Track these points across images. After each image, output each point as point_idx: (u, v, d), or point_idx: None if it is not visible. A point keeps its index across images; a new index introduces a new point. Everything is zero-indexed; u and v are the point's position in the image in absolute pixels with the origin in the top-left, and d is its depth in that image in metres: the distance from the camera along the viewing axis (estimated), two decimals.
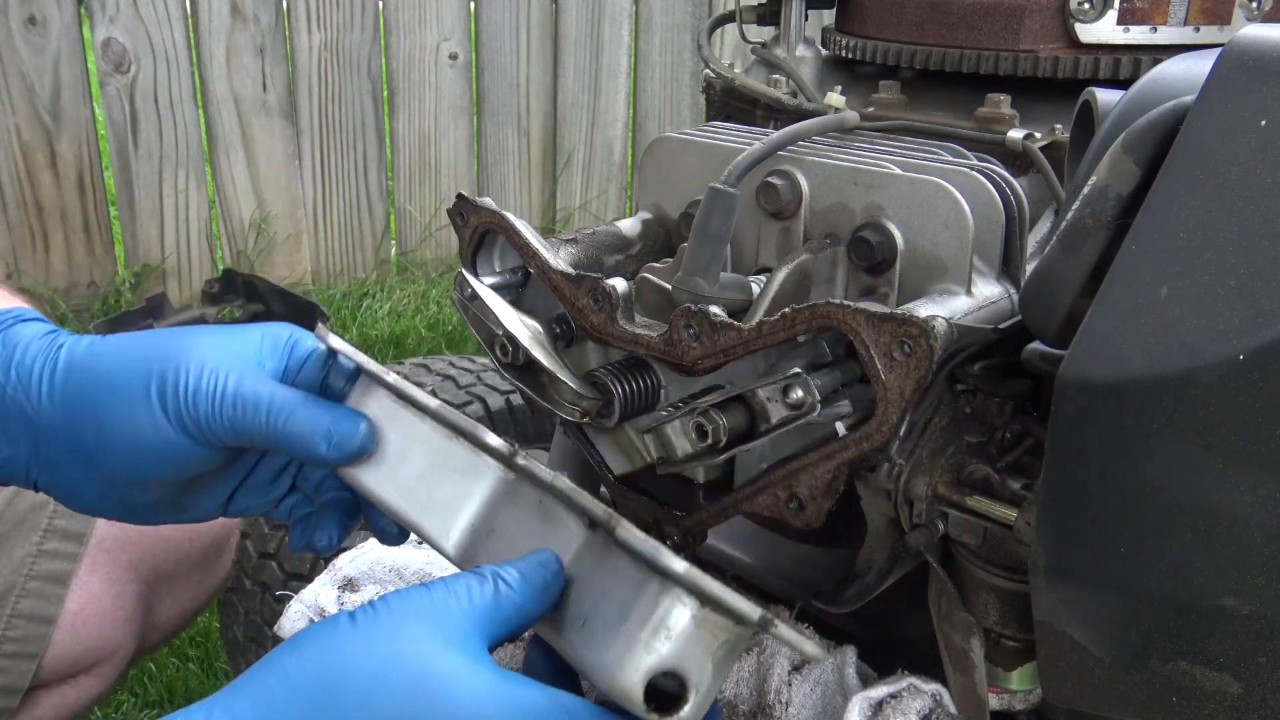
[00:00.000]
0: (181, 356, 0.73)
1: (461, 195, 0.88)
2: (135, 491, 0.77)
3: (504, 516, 0.75)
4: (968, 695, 0.80)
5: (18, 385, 0.74)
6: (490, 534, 0.76)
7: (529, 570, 0.65)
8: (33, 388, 0.74)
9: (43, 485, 0.78)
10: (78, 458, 0.75)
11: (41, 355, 0.75)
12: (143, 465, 0.74)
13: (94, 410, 0.73)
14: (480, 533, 0.76)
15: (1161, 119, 0.60)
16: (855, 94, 1.16)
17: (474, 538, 0.76)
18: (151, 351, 0.74)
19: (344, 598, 0.99)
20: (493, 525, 0.76)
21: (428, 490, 0.77)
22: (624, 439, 0.88)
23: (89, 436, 0.74)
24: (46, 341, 0.76)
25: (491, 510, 0.76)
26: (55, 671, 1.15)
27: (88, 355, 0.75)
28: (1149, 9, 1.03)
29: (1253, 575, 0.57)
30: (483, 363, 1.51)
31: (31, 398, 0.74)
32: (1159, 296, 0.57)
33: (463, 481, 0.76)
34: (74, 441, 0.74)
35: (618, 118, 3.63)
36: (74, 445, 0.74)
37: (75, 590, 1.14)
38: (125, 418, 0.73)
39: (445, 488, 0.76)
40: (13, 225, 2.97)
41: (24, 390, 0.74)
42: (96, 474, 0.76)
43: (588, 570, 0.69)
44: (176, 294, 3.10)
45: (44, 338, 0.76)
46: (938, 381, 0.77)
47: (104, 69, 2.92)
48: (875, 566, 0.83)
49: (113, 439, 0.73)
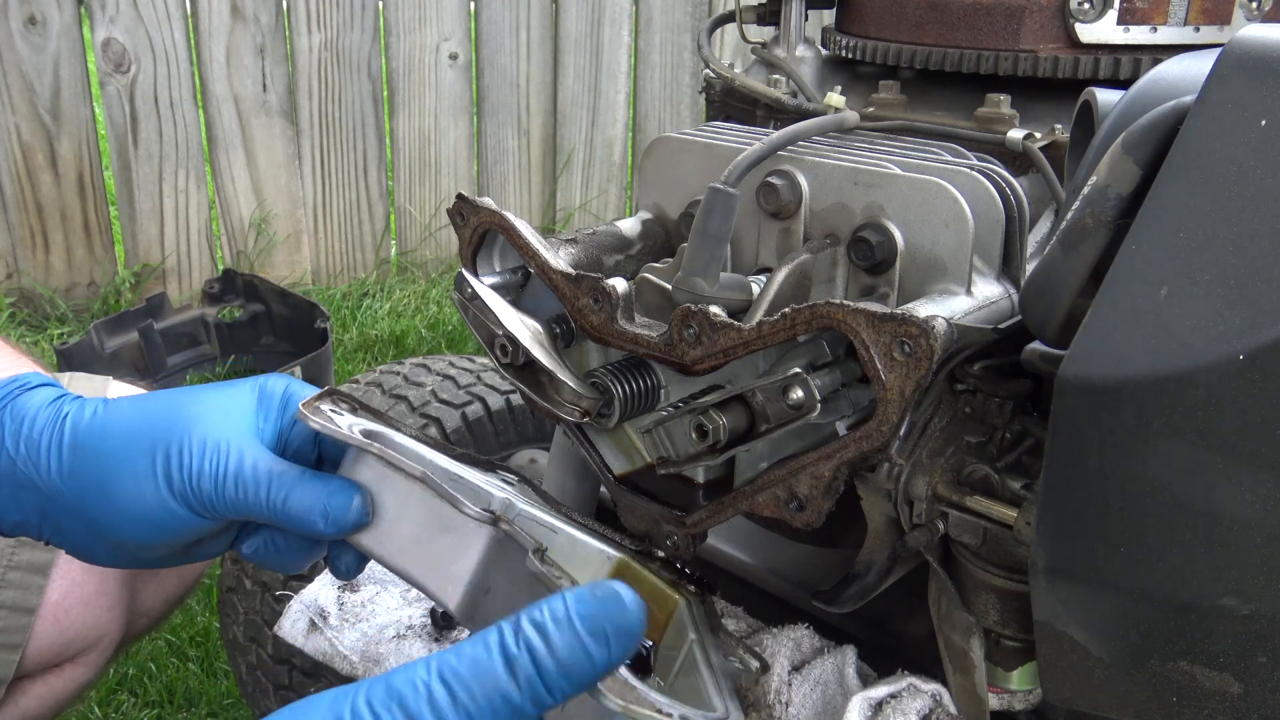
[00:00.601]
0: (184, 433, 0.76)
1: (461, 195, 0.88)
2: (143, 551, 0.80)
3: (499, 576, 0.77)
4: (968, 695, 0.80)
5: (27, 459, 0.77)
6: (487, 592, 0.78)
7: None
8: (41, 461, 0.77)
9: (53, 543, 0.81)
10: (86, 526, 0.78)
11: (48, 428, 0.77)
12: (149, 534, 0.77)
13: (100, 485, 0.76)
14: (478, 590, 0.78)
15: (1161, 119, 0.60)
16: (855, 94, 1.16)
17: (473, 595, 0.78)
18: (155, 424, 0.77)
19: (344, 598, 0.99)
20: (488, 584, 0.78)
21: (425, 549, 0.79)
22: (624, 439, 0.88)
23: (96, 510, 0.76)
24: (52, 411, 0.78)
25: (487, 568, 0.78)
26: (40, 661, 1.14)
27: (92, 427, 0.77)
28: (1149, 9, 1.03)
29: (1253, 575, 0.57)
30: (483, 363, 1.51)
31: (40, 470, 0.76)
32: (1159, 296, 0.57)
33: (458, 541, 0.78)
34: (81, 512, 0.77)
35: (618, 118, 3.63)
36: (81, 516, 0.77)
37: (56, 579, 1.14)
38: (131, 494, 0.75)
39: (442, 546, 0.78)
40: (13, 225, 2.97)
41: (33, 463, 0.76)
42: (105, 539, 0.78)
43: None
44: (176, 294, 3.10)
45: (50, 406, 0.78)
46: (938, 381, 0.77)
47: (104, 69, 2.93)
48: (875, 566, 0.83)
49: (119, 513, 0.76)
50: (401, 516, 0.81)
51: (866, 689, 0.81)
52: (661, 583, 0.82)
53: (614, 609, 0.53)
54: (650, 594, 0.83)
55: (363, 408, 0.85)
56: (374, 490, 0.81)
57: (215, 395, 0.80)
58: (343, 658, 0.94)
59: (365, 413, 0.85)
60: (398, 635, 0.95)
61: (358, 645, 0.94)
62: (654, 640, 0.82)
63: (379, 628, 0.96)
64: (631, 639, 0.53)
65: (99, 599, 1.17)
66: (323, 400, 0.83)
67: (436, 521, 0.79)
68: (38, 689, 1.17)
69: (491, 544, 0.79)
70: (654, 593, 0.83)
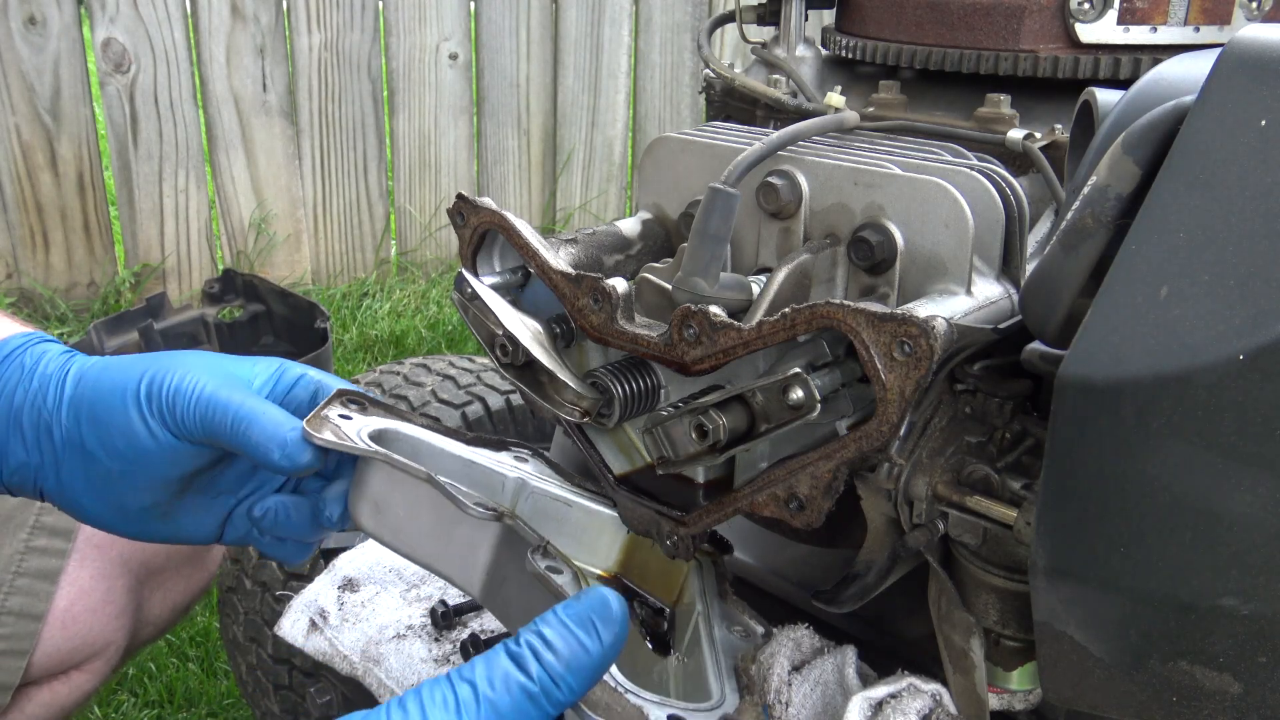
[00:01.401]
0: (173, 364, 0.82)
1: (461, 195, 0.88)
2: (128, 492, 0.83)
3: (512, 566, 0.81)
4: (968, 695, 0.80)
5: (38, 393, 0.83)
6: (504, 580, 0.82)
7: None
8: (49, 394, 0.83)
9: (47, 491, 0.85)
10: (78, 457, 0.82)
11: (59, 370, 0.85)
12: (129, 458, 0.81)
13: (93, 410, 0.81)
14: (496, 579, 0.83)
15: (1161, 119, 0.60)
16: (855, 94, 1.16)
17: (492, 580, 0.83)
18: (149, 362, 0.83)
19: (344, 598, 0.99)
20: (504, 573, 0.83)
21: (442, 541, 0.83)
22: (624, 439, 0.88)
23: (88, 434, 0.81)
24: (64, 358, 0.86)
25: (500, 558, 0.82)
26: (46, 668, 1.15)
27: (94, 366, 0.84)
28: (1149, 9, 1.03)
29: (1253, 575, 0.57)
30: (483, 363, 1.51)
31: (47, 403, 0.83)
32: (1159, 296, 0.57)
33: (471, 534, 0.82)
34: (76, 439, 0.81)
35: (618, 118, 3.63)
36: (75, 443, 0.81)
37: (65, 586, 1.14)
38: (118, 412, 0.81)
39: (457, 541, 0.82)
40: (13, 225, 2.97)
41: (42, 397, 0.83)
42: (94, 475, 0.82)
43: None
44: (176, 294, 3.10)
45: (62, 354, 0.86)
46: (938, 381, 0.77)
47: (104, 69, 2.92)
48: (875, 566, 0.83)
49: (106, 433, 0.81)
50: (417, 515, 0.83)
51: (866, 689, 0.81)
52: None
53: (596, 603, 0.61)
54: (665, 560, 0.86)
55: (374, 404, 0.87)
56: (388, 491, 0.84)
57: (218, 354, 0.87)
58: (342, 658, 0.94)
59: (377, 409, 0.87)
60: (397, 635, 0.95)
61: (357, 645, 0.94)
62: (671, 604, 0.85)
63: (379, 628, 0.96)
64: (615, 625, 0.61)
65: (106, 607, 1.17)
66: (332, 405, 0.84)
67: (449, 518, 0.82)
68: (43, 695, 1.17)
69: (502, 537, 0.82)
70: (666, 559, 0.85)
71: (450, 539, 0.83)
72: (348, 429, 0.82)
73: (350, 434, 0.82)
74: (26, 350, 0.85)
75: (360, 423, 0.84)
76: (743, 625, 0.82)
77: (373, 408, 0.86)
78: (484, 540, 0.82)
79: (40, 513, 1.15)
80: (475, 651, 0.92)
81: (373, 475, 0.84)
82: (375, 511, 0.86)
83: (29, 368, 0.84)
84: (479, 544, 0.82)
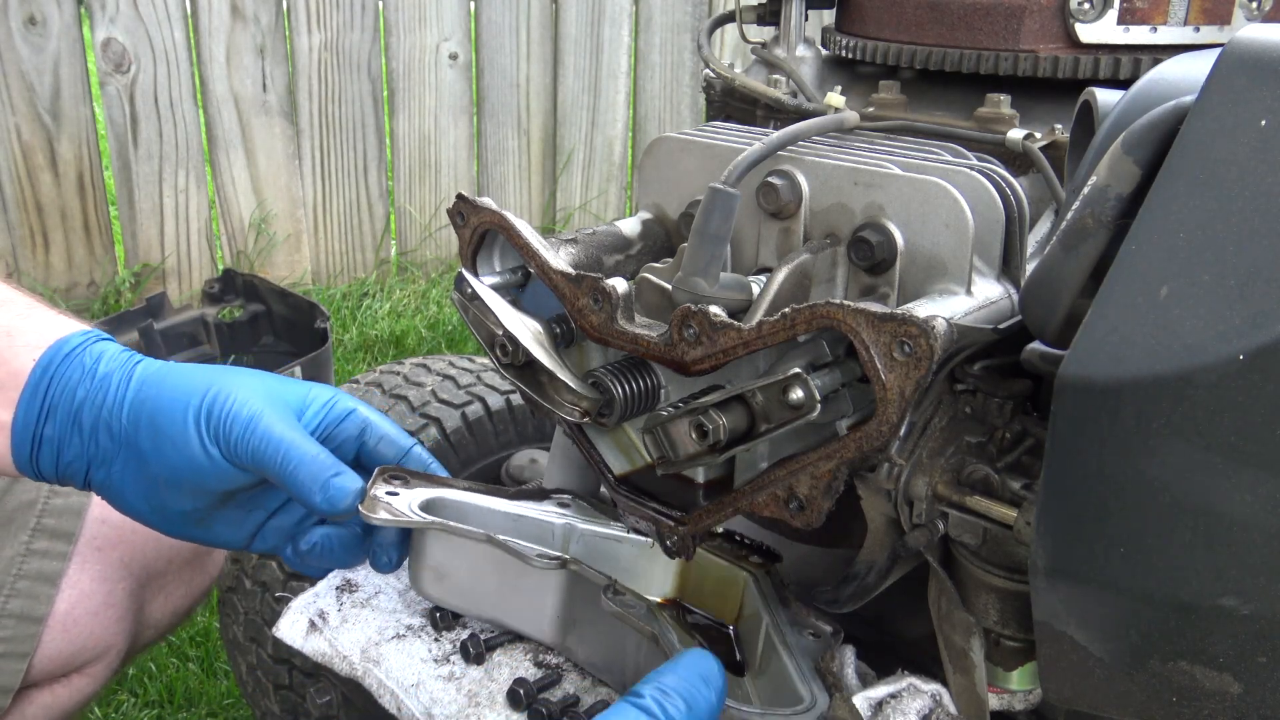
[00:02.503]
0: (234, 388, 0.86)
1: (461, 195, 0.88)
2: (172, 496, 0.87)
3: (582, 607, 0.88)
4: (968, 695, 0.80)
5: (98, 391, 0.87)
6: (574, 623, 0.89)
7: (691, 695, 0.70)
8: (109, 394, 0.87)
9: (96, 483, 0.89)
10: (132, 457, 0.87)
11: (120, 368, 0.88)
12: (180, 469, 0.85)
13: (154, 418, 0.86)
14: (567, 623, 0.89)
15: (1161, 119, 0.60)
16: (855, 94, 1.16)
17: (562, 624, 0.89)
18: (211, 377, 0.88)
19: (343, 599, 0.99)
20: (574, 615, 0.89)
21: (509, 597, 0.90)
22: (624, 439, 0.88)
23: (145, 438, 0.86)
24: (124, 357, 0.89)
25: (568, 603, 0.89)
26: (47, 671, 1.14)
27: (157, 372, 0.88)
28: (1149, 9, 1.03)
29: (1253, 575, 0.57)
30: (483, 363, 1.51)
31: (108, 402, 0.86)
32: (1159, 296, 0.57)
33: (537, 584, 0.88)
34: (131, 441, 0.86)
35: (618, 118, 3.63)
36: (131, 445, 0.86)
37: (66, 589, 1.14)
38: (178, 425, 0.85)
39: (524, 589, 0.89)
40: (13, 225, 2.96)
41: (102, 396, 0.86)
42: (144, 476, 0.86)
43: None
44: (176, 294, 3.10)
45: (122, 353, 0.90)
46: (938, 381, 0.77)
47: (104, 69, 2.92)
48: (875, 566, 0.83)
49: (163, 442, 0.85)
50: (481, 575, 0.90)
51: (866, 689, 0.81)
52: (726, 561, 0.90)
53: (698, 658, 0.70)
54: (719, 579, 0.91)
55: (414, 476, 0.92)
56: (449, 557, 0.91)
57: (276, 377, 0.91)
58: (342, 658, 0.94)
59: (419, 480, 0.92)
60: (397, 636, 0.95)
61: (357, 646, 0.94)
62: (732, 623, 0.90)
63: (378, 629, 0.96)
64: (718, 679, 0.69)
65: (107, 610, 1.17)
66: (377, 484, 0.89)
67: (513, 572, 0.89)
68: (43, 698, 1.17)
69: (566, 583, 0.89)
70: (722, 576, 0.91)
71: (516, 592, 0.89)
72: (398, 505, 0.88)
73: (403, 509, 0.87)
74: (85, 350, 0.89)
75: (408, 496, 0.89)
76: (813, 627, 0.85)
77: (414, 479, 0.92)
78: (549, 588, 0.88)
79: (41, 515, 1.15)
80: (475, 651, 0.92)
81: (430, 544, 0.91)
82: (437, 578, 0.92)
83: (89, 367, 0.88)
84: (545, 592, 0.88)
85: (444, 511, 0.91)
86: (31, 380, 0.87)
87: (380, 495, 0.88)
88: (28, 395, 0.87)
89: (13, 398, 0.87)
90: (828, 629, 0.84)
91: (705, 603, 0.91)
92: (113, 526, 1.18)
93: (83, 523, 1.16)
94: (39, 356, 0.88)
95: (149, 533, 1.17)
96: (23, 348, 0.88)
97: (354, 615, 0.97)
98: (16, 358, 0.88)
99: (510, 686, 0.88)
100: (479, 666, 0.92)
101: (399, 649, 0.94)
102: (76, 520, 1.16)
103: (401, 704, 0.90)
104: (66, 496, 1.16)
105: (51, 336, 0.89)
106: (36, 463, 0.88)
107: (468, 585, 0.91)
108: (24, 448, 0.87)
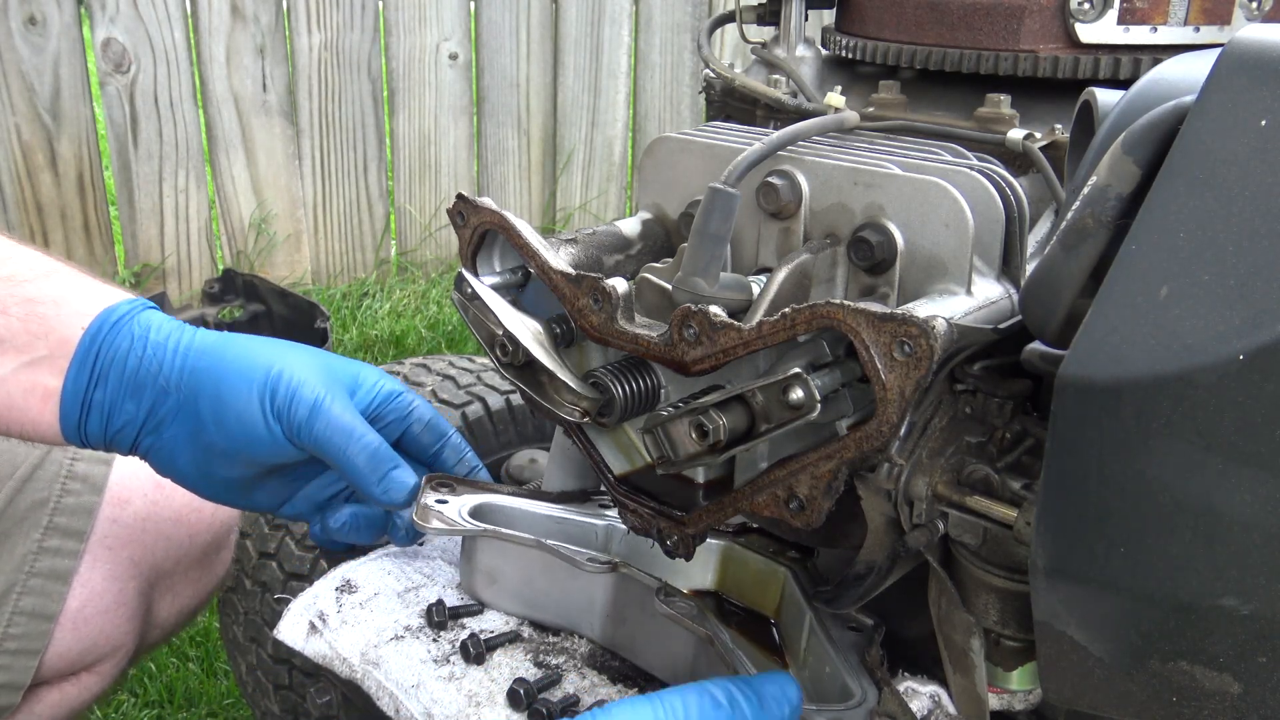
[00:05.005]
0: (294, 366, 0.89)
1: (461, 195, 0.88)
2: (223, 465, 0.90)
3: (630, 608, 0.90)
4: (968, 695, 0.80)
5: (150, 357, 0.89)
6: (623, 621, 0.92)
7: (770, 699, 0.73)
8: (166, 359, 0.89)
9: (144, 448, 0.92)
10: (187, 423, 0.89)
11: (174, 334, 0.90)
12: (239, 440, 0.88)
13: (215, 386, 0.88)
14: (616, 622, 0.92)
15: (1161, 119, 0.60)
16: (855, 94, 1.16)
17: (613, 625, 0.92)
18: (272, 353, 0.90)
19: (342, 599, 1.00)
20: (623, 615, 0.92)
21: (559, 597, 0.94)
22: (624, 439, 0.88)
23: (205, 408, 0.88)
24: (175, 325, 0.92)
25: (619, 600, 0.92)
26: (57, 669, 1.15)
27: (216, 342, 0.91)
28: (1149, 9, 1.03)
29: (1253, 575, 0.57)
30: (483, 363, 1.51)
31: (164, 367, 0.89)
32: (1159, 296, 0.57)
33: (586, 586, 0.92)
34: (189, 408, 0.89)
35: (618, 118, 3.63)
36: (188, 411, 0.89)
37: (77, 587, 1.14)
38: (243, 397, 0.88)
39: (574, 591, 0.92)
40: (13, 225, 2.96)
41: (157, 363, 0.89)
42: (198, 443, 0.89)
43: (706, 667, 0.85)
44: (176, 294, 3.10)
45: (170, 322, 0.92)
46: (938, 381, 0.77)
47: (104, 69, 2.92)
48: (875, 567, 0.83)
49: (225, 413, 0.88)
50: (531, 578, 0.94)
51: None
52: (764, 556, 0.92)
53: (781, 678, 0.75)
54: (757, 574, 0.93)
55: (460, 482, 0.97)
56: (500, 562, 0.95)
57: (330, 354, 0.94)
58: (341, 660, 0.94)
59: (465, 486, 0.97)
60: (396, 637, 0.95)
61: (356, 647, 0.94)
62: (774, 617, 0.92)
63: (377, 630, 0.96)
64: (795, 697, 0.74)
65: (118, 609, 1.17)
66: (426, 493, 0.93)
67: (563, 575, 0.92)
68: (52, 696, 1.17)
69: (616, 584, 0.92)
70: (760, 571, 0.93)
71: (567, 593, 0.92)
72: (449, 512, 0.92)
73: (454, 516, 0.91)
74: (134, 318, 0.90)
75: (457, 503, 0.93)
76: (856, 621, 0.86)
77: (460, 486, 0.96)
78: (599, 589, 0.91)
79: (54, 514, 1.15)
80: (475, 651, 0.92)
81: (481, 550, 0.95)
82: (489, 582, 0.96)
83: (138, 335, 0.89)
84: (595, 593, 0.91)
85: (492, 517, 0.94)
86: (81, 348, 0.88)
87: (431, 504, 0.92)
88: (77, 362, 0.88)
89: (62, 366, 0.88)
90: (869, 622, 0.85)
91: (745, 595, 0.93)
92: (124, 526, 1.19)
93: (94, 522, 1.17)
94: (88, 325, 0.89)
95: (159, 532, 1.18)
96: (71, 316, 0.89)
97: (353, 616, 0.97)
98: (65, 326, 0.89)
99: (510, 686, 0.88)
100: (479, 667, 0.92)
101: (398, 650, 0.94)
102: (88, 519, 1.16)
103: (401, 706, 0.90)
104: (78, 496, 1.17)
105: (99, 305, 0.91)
106: (85, 428, 0.90)
107: (519, 588, 0.95)
108: (72, 414, 0.89)
